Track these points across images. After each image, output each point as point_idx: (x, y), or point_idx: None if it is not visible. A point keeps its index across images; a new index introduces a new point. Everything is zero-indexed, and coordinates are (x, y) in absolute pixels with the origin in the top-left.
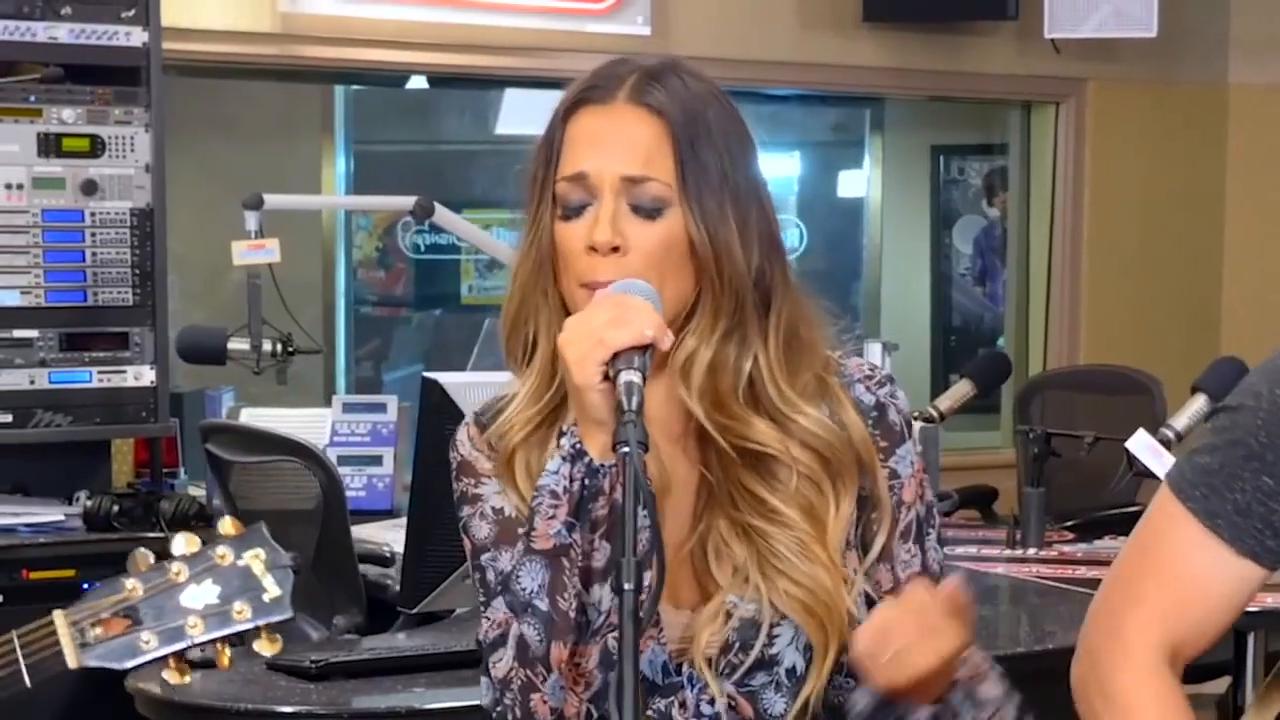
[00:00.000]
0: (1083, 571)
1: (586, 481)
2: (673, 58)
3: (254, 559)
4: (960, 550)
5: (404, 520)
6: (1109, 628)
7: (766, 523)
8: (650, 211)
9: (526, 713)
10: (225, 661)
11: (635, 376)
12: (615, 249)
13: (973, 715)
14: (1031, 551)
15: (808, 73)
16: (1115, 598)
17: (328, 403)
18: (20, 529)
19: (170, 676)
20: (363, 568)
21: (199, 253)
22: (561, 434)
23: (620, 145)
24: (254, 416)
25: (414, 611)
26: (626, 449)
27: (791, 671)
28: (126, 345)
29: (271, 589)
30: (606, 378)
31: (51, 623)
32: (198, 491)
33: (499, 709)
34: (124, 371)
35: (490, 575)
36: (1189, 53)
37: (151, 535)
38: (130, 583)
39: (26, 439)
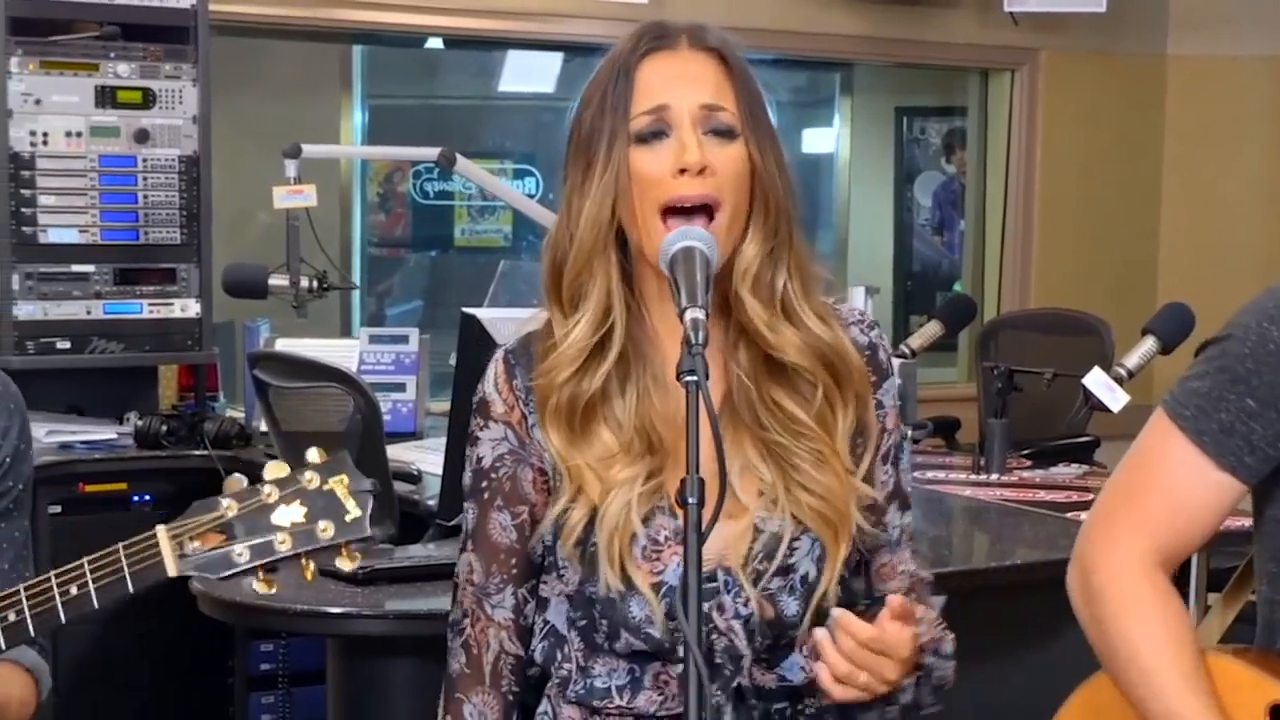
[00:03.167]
0: (1041, 495)
1: None
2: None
3: (338, 483)
4: (930, 474)
5: (426, 441)
6: (1103, 532)
7: (788, 435)
8: (727, 134)
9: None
10: (309, 575)
11: (700, 314)
12: (703, 170)
13: (940, 667)
14: (994, 477)
15: (787, 40)
16: (1110, 506)
17: (343, 334)
18: (77, 446)
19: (259, 587)
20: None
21: (227, 199)
22: None
23: (694, 80)
24: (289, 346)
25: (451, 524)
26: (693, 378)
27: (805, 578)
28: (174, 280)
29: (353, 510)
30: None
31: (154, 535)
32: (237, 414)
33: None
34: (171, 304)
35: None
36: (1132, 26)
37: (197, 453)
38: (226, 502)
39: (82, 364)
